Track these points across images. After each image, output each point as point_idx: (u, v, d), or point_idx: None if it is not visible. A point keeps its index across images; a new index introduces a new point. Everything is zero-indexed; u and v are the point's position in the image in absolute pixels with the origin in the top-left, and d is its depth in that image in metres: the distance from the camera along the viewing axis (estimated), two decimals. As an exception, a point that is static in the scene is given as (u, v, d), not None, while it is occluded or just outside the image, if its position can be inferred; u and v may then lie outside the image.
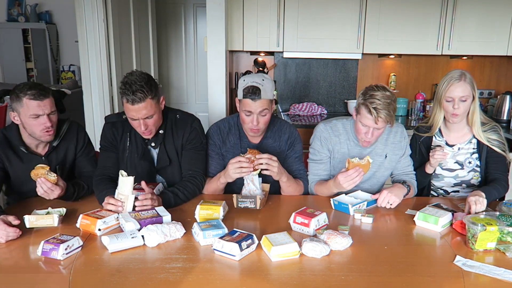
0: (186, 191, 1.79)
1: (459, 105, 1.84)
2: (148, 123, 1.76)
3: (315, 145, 1.99)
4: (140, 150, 1.89)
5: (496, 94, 3.80)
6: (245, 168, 1.69)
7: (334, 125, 1.98)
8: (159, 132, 1.89)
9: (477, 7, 3.26)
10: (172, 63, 4.98)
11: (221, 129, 1.99)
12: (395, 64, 3.82)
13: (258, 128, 1.86)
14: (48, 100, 1.73)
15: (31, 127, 1.74)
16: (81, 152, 1.95)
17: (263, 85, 1.79)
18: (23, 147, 1.80)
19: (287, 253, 1.32)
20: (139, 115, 1.72)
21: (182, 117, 1.95)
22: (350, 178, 1.71)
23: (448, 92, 1.85)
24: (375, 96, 1.73)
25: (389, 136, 1.97)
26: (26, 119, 1.72)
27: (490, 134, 1.92)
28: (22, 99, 1.68)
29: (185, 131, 1.91)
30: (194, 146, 1.92)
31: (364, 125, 1.80)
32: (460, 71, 1.87)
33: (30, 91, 1.68)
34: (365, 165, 1.73)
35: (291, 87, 3.83)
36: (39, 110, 1.70)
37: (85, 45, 3.12)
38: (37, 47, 6.52)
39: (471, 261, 1.34)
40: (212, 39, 2.98)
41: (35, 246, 1.36)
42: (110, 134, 1.90)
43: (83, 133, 1.98)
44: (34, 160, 1.81)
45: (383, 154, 1.96)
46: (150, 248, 1.39)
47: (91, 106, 3.23)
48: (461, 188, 2.02)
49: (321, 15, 3.29)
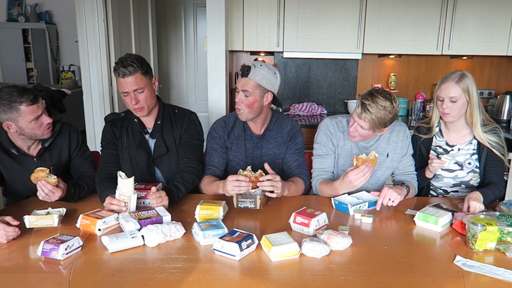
0: (186, 181, 1.80)
1: (447, 105, 1.86)
2: (139, 98, 1.81)
3: (320, 139, 1.98)
4: (137, 140, 1.93)
5: (496, 94, 3.80)
6: (243, 186, 1.68)
7: (340, 121, 1.99)
8: (157, 123, 1.94)
9: (477, 7, 3.26)
10: (172, 63, 4.98)
11: (226, 122, 2.05)
12: (395, 64, 3.82)
13: (240, 108, 1.90)
14: (40, 99, 1.75)
15: (32, 130, 1.74)
16: (76, 153, 1.95)
17: (256, 67, 1.85)
18: (14, 150, 1.81)
19: (287, 253, 1.32)
20: (130, 88, 1.78)
21: (180, 110, 2.03)
22: (362, 173, 1.68)
23: (439, 91, 1.89)
24: (374, 97, 1.74)
25: (391, 135, 1.97)
26: (26, 125, 1.71)
27: (490, 136, 1.92)
28: (18, 108, 1.66)
29: (184, 122, 1.98)
30: (190, 135, 1.97)
31: (352, 117, 1.84)
32: (460, 72, 1.86)
33: (23, 98, 1.66)
34: (373, 159, 1.73)
35: (291, 87, 3.83)
36: (38, 111, 1.72)
37: (85, 45, 3.13)
38: (37, 47, 6.53)
39: (471, 261, 1.34)
40: (212, 39, 2.98)
41: (35, 246, 1.36)
42: (109, 133, 1.94)
43: (76, 133, 1.98)
44: (26, 161, 1.83)
45: (384, 153, 1.97)
46: (150, 248, 1.39)
47: (91, 106, 3.23)
48: (460, 188, 2.02)
49: (321, 15, 3.29)
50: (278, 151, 2.04)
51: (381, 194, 1.74)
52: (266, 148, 2.04)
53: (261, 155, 2.04)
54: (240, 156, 2.04)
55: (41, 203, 1.67)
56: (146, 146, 1.95)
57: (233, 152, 2.03)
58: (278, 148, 2.04)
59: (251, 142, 2.04)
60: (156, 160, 1.96)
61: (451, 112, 1.87)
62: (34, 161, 1.84)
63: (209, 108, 3.11)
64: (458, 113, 1.89)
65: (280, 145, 2.04)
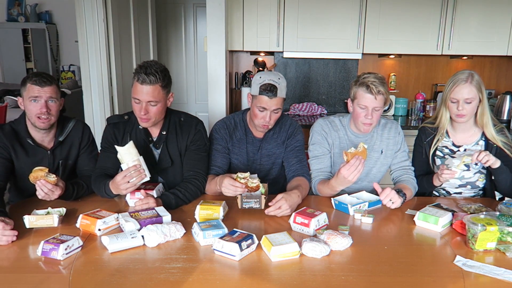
0: (188, 192, 1.78)
1: (463, 106, 1.83)
2: (149, 110, 1.76)
3: (315, 140, 2.00)
4: (141, 148, 1.88)
5: (496, 94, 3.80)
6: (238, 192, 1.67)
7: (332, 120, 2.02)
8: (161, 133, 1.90)
9: (477, 7, 3.26)
10: (172, 63, 4.98)
11: (227, 124, 2.04)
12: (395, 64, 3.82)
13: (269, 125, 1.91)
14: (49, 88, 1.79)
15: (29, 111, 1.79)
16: (84, 150, 1.97)
17: (279, 83, 1.86)
18: (29, 139, 1.84)
19: (287, 253, 1.32)
20: (144, 98, 1.73)
21: (187, 119, 1.96)
22: (353, 167, 1.66)
23: (453, 93, 1.85)
24: (369, 77, 1.81)
25: (383, 131, 2.01)
26: (26, 102, 1.78)
27: (499, 136, 1.90)
28: (26, 83, 1.78)
29: (190, 133, 1.92)
30: (197, 147, 1.92)
31: (363, 107, 1.84)
32: (468, 72, 1.85)
33: (35, 77, 1.77)
34: (362, 152, 1.71)
35: (291, 87, 3.83)
36: (37, 93, 1.76)
37: (85, 45, 3.12)
38: (37, 47, 6.52)
39: (471, 261, 1.34)
40: (212, 39, 2.98)
41: (35, 246, 1.36)
42: (111, 135, 1.90)
43: (88, 131, 2.02)
44: (40, 154, 1.86)
45: (379, 150, 1.99)
46: (150, 248, 1.39)
47: (91, 106, 3.23)
48: (465, 189, 2.01)
49: (321, 15, 3.29)
50: (278, 150, 2.04)
51: (384, 192, 1.74)
52: (265, 149, 2.04)
53: (261, 156, 2.04)
54: (241, 159, 2.03)
55: (41, 203, 1.67)
56: (151, 156, 1.91)
57: (234, 155, 2.03)
58: (277, 148, 2.04)
59: (253, 146, 2.04)
60: (160, 171, 1.93)
61: (466, 113, 1.85)
62: (48, 154, 1.87)
63: (209, 108, 3.11)
64: (471, 114, 1.88)
65: (279, 145, 2.04)
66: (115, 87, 3.27)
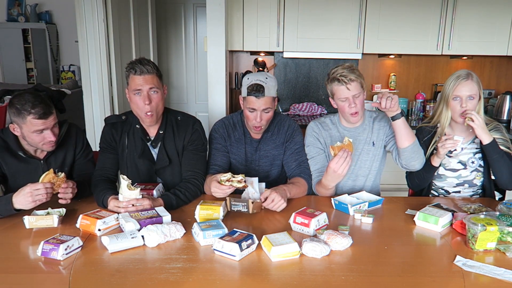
0: (188, 192, 1.78)
1: (466, 103, 1.85)
2: (152, 97, 1.77)
3: (309, 142, 2.03)
4: (139, 148, 1.89)
5: (496, 94, 3.80)
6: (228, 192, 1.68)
7: (323, 121, 2.06)
8: (159, 132, 1.90)
9: (477, 7, 3.26)
10: (172, 63, 4.98)
11: (226, 124, 2.05)
12: (395, 64, 3.82)
13: (260, 126, 1.92)
14: (52, 116, 1.72)
15: (33, 141, 1.73)
16: (80, 155, 1.94)
17: (267, 83, 1.86)
18: (21, 152, 1.80)
19: (287, 253, 1.32)
20: (145, 86, 1.75)
21: (184, 118, 1.96)
22: (342, 159, 1.67)
23: (456, 90, 1.86)
24: (336, 70, 1.87)
25: (374, 124, 2.02)
26: (28, 134, 1.71)
27: (493, 133, 1.91)
28: (25, 117, 1.65)
29: (187, 132, 1.92)
30: (195, 147, 1.92)
31: (344, 99, 1.88)
32: (466, 70, 1.88)
33: (34, 110, 1.65)
34: (348, 145, 1.72)
35: (291, 87, 3.83)
36: (43, 126, 1.69)
37: (85, 45, 3.12)
38: (37, 47, 6.53)
39: (471, 261, 1.33)
40: (212, 39, 2.98)
41: (35, 246, 1.35)
42: (109, 136, 1.90)
43: (82, 135, 1.97)
44: (33, 163, 1.82)
45: (370, 142, 2.00)
46: (150, 249, 1.39)
47: (91, 106, 3.23)
48: (463, 188, 2.01)
49: (321, 15, 3.29)
50: (276, 152, 2.04)
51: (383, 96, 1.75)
52: (263, 150, 2.03)
53: (259, 157, 2.04)
54: (239, 159, 2.03)
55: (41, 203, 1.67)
56: (149, 155, 1.90)
57: (232, 154, 2.03)
58: (276, 149, 2.04)
59: (251, 146, 2.04)
60: (159, 171, 1.93)
61: (472, 109, 1.85)
62: (41, 163, 1.84)
63: (209, 108, 3.11)
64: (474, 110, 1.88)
65: (278, 146, 2.03)
66: (115, 87, 3.27)
